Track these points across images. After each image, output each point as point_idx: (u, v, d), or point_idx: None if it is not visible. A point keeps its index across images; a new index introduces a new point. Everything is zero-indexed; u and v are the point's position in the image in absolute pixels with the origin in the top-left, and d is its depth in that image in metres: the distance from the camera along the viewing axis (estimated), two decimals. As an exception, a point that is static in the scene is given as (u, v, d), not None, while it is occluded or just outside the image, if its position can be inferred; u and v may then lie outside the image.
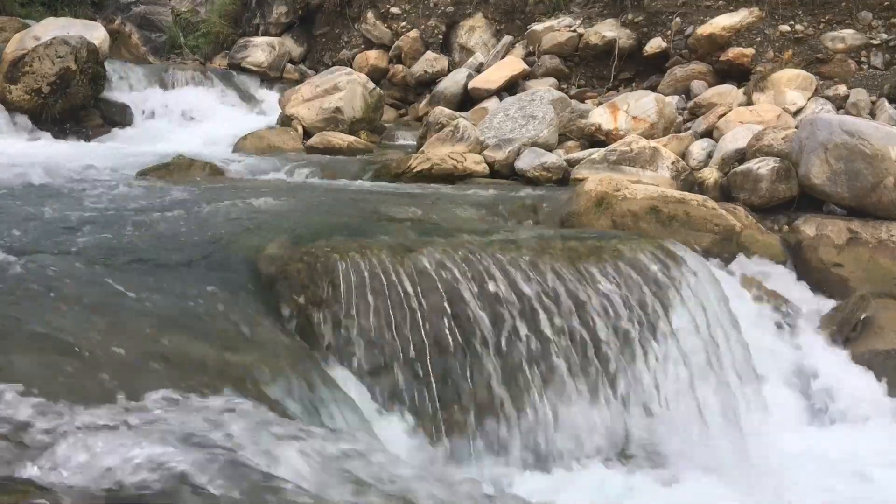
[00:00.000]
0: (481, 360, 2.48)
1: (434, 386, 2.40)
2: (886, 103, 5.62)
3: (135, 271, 2.53)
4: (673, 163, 4.78)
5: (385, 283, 2.47)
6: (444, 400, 2.42)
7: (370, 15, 9.10)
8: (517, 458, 2.47)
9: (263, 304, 2.45)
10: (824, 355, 3.47)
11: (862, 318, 3.59)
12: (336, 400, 2.20)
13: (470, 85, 7.59)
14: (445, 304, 2.49)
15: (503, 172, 5.15)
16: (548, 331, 2.57)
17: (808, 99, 5.82)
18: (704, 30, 6.87)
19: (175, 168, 4.77)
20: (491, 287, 2.57)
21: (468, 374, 2.45)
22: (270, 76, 8.82)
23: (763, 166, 4.45)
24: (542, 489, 2.35)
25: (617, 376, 2.66)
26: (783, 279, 3.89)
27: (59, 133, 6.48)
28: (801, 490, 2.60)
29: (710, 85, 6.53)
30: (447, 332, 2.46)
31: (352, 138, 6.40)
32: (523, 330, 2.55)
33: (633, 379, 2.68)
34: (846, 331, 3.58)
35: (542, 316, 2.58)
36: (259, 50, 8.84)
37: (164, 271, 2.55)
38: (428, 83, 8.36)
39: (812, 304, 3.78)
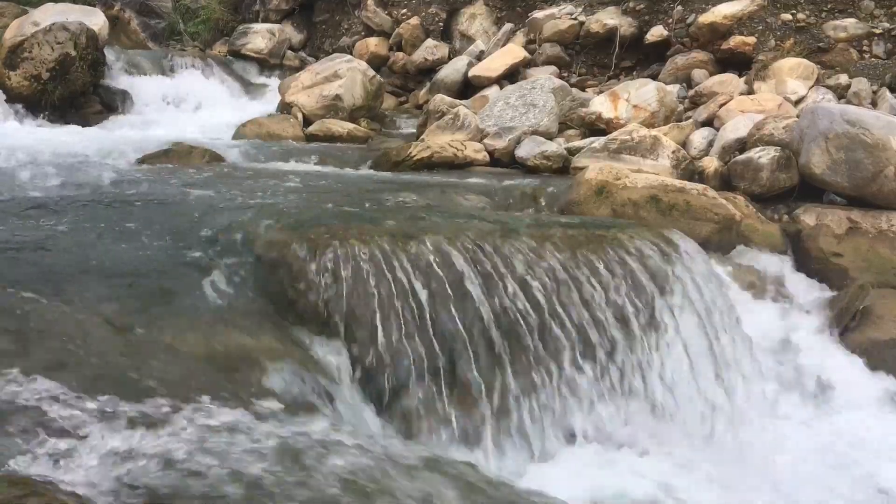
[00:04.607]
0: (483, 346, 2.48)
1: (435, 372, 2.41)
2: (888, 93, 5.60)
3: (132, 257, 2.53)
4: (673, 152, 4.77)
5: (385, 269, 2.47)
6: (445, 387, 2.42)
7: (370, 2, 9.06)
8: (521, 442, 2.47)
9: (262, 290, 2.45)
10: (823, 345, 3.48)
11: (861, 307, 3.60)
12: (331, 387, 2.20)
13: (470, 73, 7.56)
14: (446, 291, 2.49)
15: (503, 161, 5.14)
16: (549, 318, 2.57)
17: (810, 88, 5.80)
18: (706, 18, 6.84)
19: (175, 155, 4.77)
20: (492, 274, 2.57)
21: (470, 360, 2.46)
22: (270, 63, 8.79)
23: (764, 155, 4.44)
24: (544, 476, 2.36)
25: (618, 363, 2.67)
26: (783, 268, 3.89)
27: (59, 119, 6.46)
28: (797, 480, 2.61)
29: (712, 74, 6.51)
30: (448, 318, 2.46)
31: (352, 126, 6.39)
32: (524, 317, 2.55)
33: (634, 366, 2.69)
34: (845, 320, 3.59)
35: (543, 303, 2.58)
36: (259, 37, 8.81)
37: (162, 257, 2.55)
38: (428, 71, 8.33)
39: (811, 294, 3.78)
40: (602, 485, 2.32)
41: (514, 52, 7.60)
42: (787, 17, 6.65)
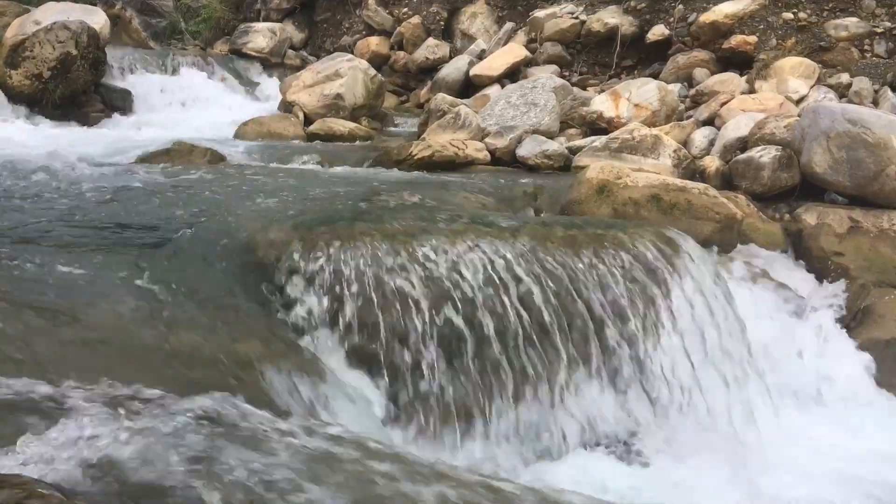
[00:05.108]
0: (482, 345, 2.48)
1: (434, 372, 2.41)
2: (889, 92, 5.60)
3: (131, 255, 2.53)
4: (675, 151, 4.76)
5: (386, 269, 2.46)
6: (445, 386, 2.42)
7: (371, 1, 9.06)
8: (517, 443, 2.47)
9: (262, 290, 2.45)
10: (823, 343, 3.48)
11: (862, 306, 3.60)
12: (332, 388, 2.20)
13: (471, 72, 7.56)
14: (446, 291, 2.48)
15: (504, 160, 5.14)
16: (549, 317, 2.57)
17: (811, 87, 5.79)
18: (707, 17, 6.84)
19: (175, 154, 4.76)
20: (492, 274, 2.57)
21: (469, 360, 2.46)
22: (271, 62, 8.79)
23: (765, 155, 4.44)
24: (544, 474, 2.36)
25: (618, 363, 2.67)
26: (784, 267, 3.89)
27: (60, 118, 6.46)
28: (800, 481, 2.60)
29: (713, 73, 6.51)
30: (447, 318, 2.46)
31: (353, 125, 6.39)
32: (524, 316, 2.55)
33: (634, 365, 2.68)
34: (846, 319, 3.58)
35: (543, 303, 2.58)
36: (260, 36, 8.81)
37: (161, 256, 2.55)
38: (429, 70, 8.33)
39: (812, 293, 3.78)
40: (606, 486, 2.32)
41: (515, 51, 7.59)
42: (788, 16, 6.64)
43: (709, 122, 5.44)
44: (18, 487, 1.22)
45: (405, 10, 8.91)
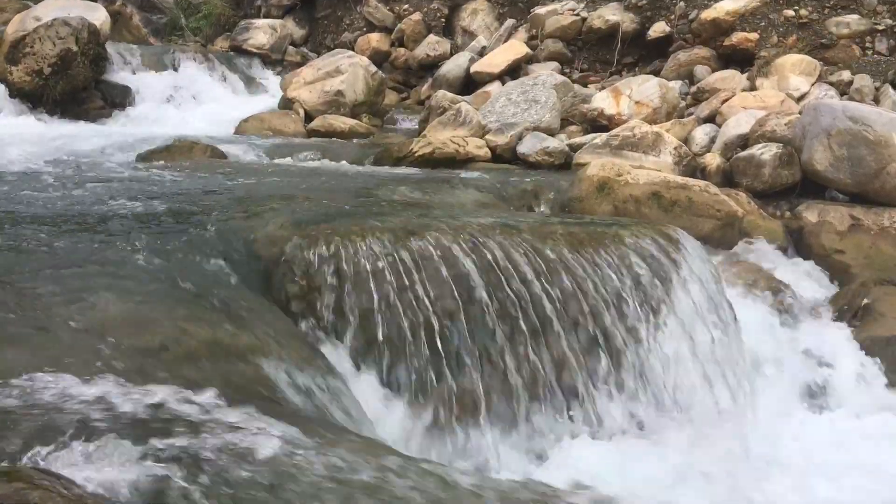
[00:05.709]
0: (484, 343, 2.48)
1: (436, 369, 2.41)
2: (890, 89, 5.59)
3: (131, 252, 2.53)
4: (675, 148, 4.76)
5: (387, 266, 2.46)
6: (447, 383, 2.42)
7: (372, -3, 9.05)
8: (522, 439, 2.47)
9: (263, 287, 2.45)
10: (824, 342, 3.48)
11: (863, 304, 3.60)
12: (332, 385, 2.20)
13: (472, 69, 7.55)
14: (448, 288, 2.48)
15: (505, 157, 5.14)
16: (551, 315, 2.57)
17: (812, 84, 5.79)
18: (708, 14, 6.83)
19: (176, 150, 4.77)
20: (493, 271, 2.57)
21: (471, 358, 2.46)
22: (272, 59, 8.77)
23: (766, 152, 4.44)
24: (542, 471, 2.36)
25: (620, 359, 2.67)
26: (784, 265, 3.89)
27: (60, 115, 6.46)
28: (791, 478, 2.60)
29: (714, 70, 6.50)
30: (449, 315, 2.46)
31: (353, 122, 6.39)
32: (526, 314, 2.55)
33: (635, 362, 2.69)
34: (847, 317, 3.59)
35: (545, 300, 2.58)
36: (261, 32, 8.80)
37: (162, 253, 2.54)
38: (430, 67, 8.31)
39: (813, 291, 3.78)
40: (604, 481, 2.32)
41: (515, 48, 7.58)
42: (789, 13, 6.63)
43: (710, 119, 5.43)
44: (21, 479, 1.23)
45: (406, 6, 8.90)
